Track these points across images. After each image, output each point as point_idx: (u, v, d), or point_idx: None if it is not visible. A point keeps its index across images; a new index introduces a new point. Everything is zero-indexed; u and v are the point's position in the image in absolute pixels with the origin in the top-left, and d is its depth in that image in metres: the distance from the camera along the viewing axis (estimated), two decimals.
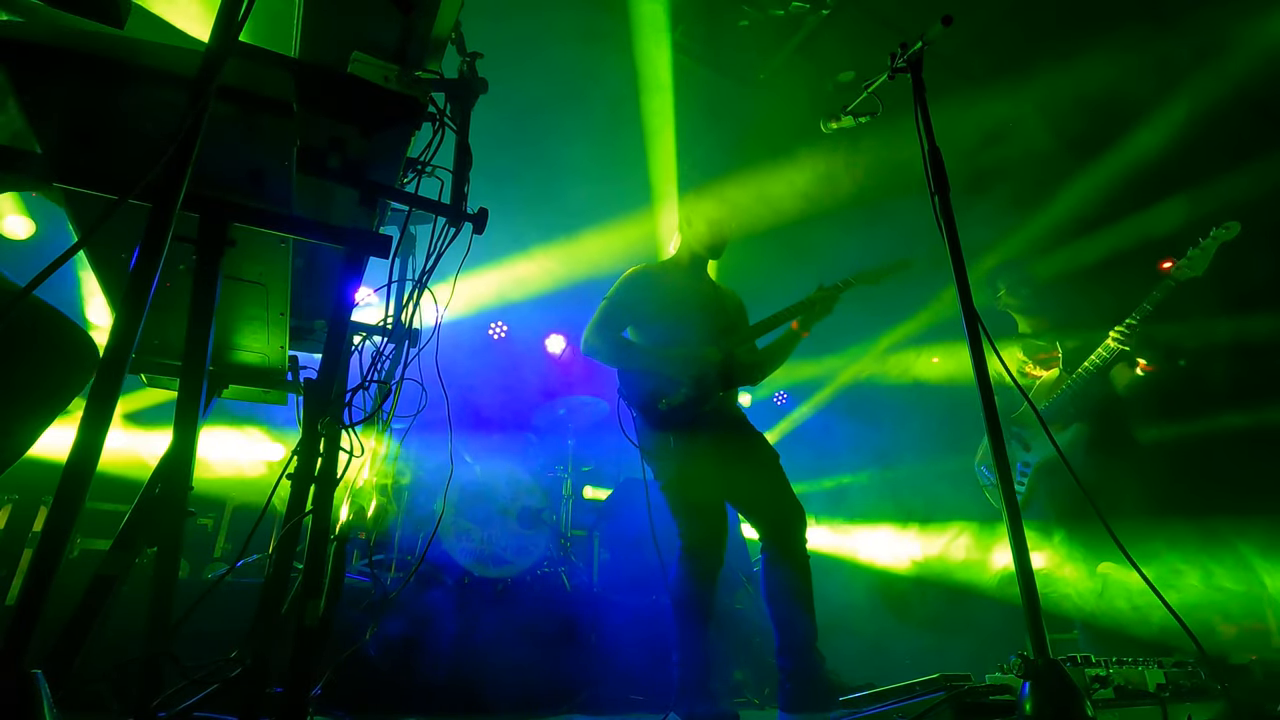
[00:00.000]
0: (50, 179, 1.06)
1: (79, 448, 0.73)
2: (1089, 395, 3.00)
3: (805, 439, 6.15)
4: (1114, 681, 1.44)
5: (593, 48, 3.87)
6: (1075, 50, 3.64)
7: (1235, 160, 3.76)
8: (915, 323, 5.34)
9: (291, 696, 1.11)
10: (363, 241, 1.36)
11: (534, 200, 4.87)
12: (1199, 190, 3.79)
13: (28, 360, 1.14)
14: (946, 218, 1.55)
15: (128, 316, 0.79)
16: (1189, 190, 3.87)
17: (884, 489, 5.59)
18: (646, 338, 2.66)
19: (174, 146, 0.84)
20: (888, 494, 5.53)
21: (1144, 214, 4.06)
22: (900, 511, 5.27)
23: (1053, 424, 3.07)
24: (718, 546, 2.40)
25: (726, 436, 2.53)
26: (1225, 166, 3.76)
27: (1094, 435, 3.01)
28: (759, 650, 3.57)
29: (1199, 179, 3.81)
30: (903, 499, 5.37)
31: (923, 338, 5.46)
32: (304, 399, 1.44)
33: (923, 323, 5.30)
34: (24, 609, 0.66)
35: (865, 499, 5.65)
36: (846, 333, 5.53)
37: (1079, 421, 3.03)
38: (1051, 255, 4.29)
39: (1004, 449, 1.35)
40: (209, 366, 1.22)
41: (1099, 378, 2.95)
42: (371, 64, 1.37)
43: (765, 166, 4.52)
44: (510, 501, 3.89)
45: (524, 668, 2.98)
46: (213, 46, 0.90)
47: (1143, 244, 3.92)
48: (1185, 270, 2.70)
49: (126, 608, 1.17)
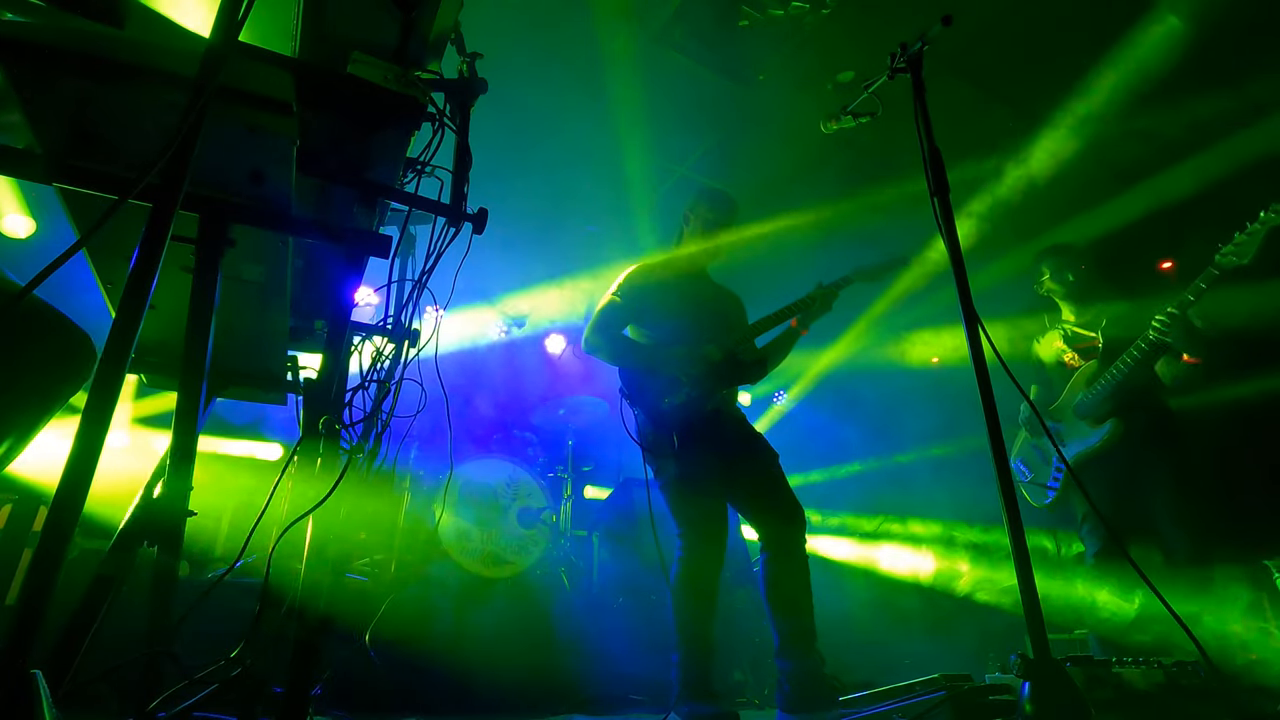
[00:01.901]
0: (50, 179, 1.07)
1: (79, 447, 0.72)
2: (1128, 388, 2.84)
3: (791, 429, 6.11)
4: (1114, 682, 1.44)
5: (595, 49, 3.88)
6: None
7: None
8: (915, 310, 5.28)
9: (291, 696, 1.11)
10: (362, 241, 1.36)
11: (536, 200, 4.88)
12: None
13: (25, 359, 1.14)
14: (946, 218, 1.55)
15: (127, 316, 0.79)
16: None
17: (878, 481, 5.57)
18: (647, 336, 2.66)
19: (174, 146, 0.84)
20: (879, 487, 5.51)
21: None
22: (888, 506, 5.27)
23: (1089, 417, 2.96)
24: (718, 546, 2.40)
25: (727, 436, 2.53)
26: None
27: (1132, 429, 2.86)
28: (759, 650, 3.58)
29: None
30: (888, 494, 5.37)
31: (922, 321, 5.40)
32: (304, 399, 1.44)
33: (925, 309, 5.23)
34: (24, 609, 0.66)
35: (858, 491, 5.64)
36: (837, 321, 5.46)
37: (1117, 415, 2.88)
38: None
39: (1003, 449, 1.35)
40: (208, 366, 1.22)
41: (1139, 370, 2.78)
42: (371, 64, 1.37)
43: (766, 167, 4.53)
44: (510, 501, 3.89)
45: (524, 668, 2.98)
46: (213, 46, 0.90)
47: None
48: (1231, 258, 2.50)
49: (126, 608, 1.17)
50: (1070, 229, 4.40)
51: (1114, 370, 2.85)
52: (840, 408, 5.94)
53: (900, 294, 5.00)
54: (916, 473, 5.26)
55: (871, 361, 5.59)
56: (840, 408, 5.94)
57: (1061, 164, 4.28)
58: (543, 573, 3.87)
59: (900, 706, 1.47)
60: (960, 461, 4.70)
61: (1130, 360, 2.79)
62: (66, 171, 1.07)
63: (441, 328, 1.81)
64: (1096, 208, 4.44)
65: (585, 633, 3.23)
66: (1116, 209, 4.41)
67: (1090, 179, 4.39)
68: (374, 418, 1.53)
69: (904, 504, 5.25)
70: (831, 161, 4.61)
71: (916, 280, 4.62)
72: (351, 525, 2.59)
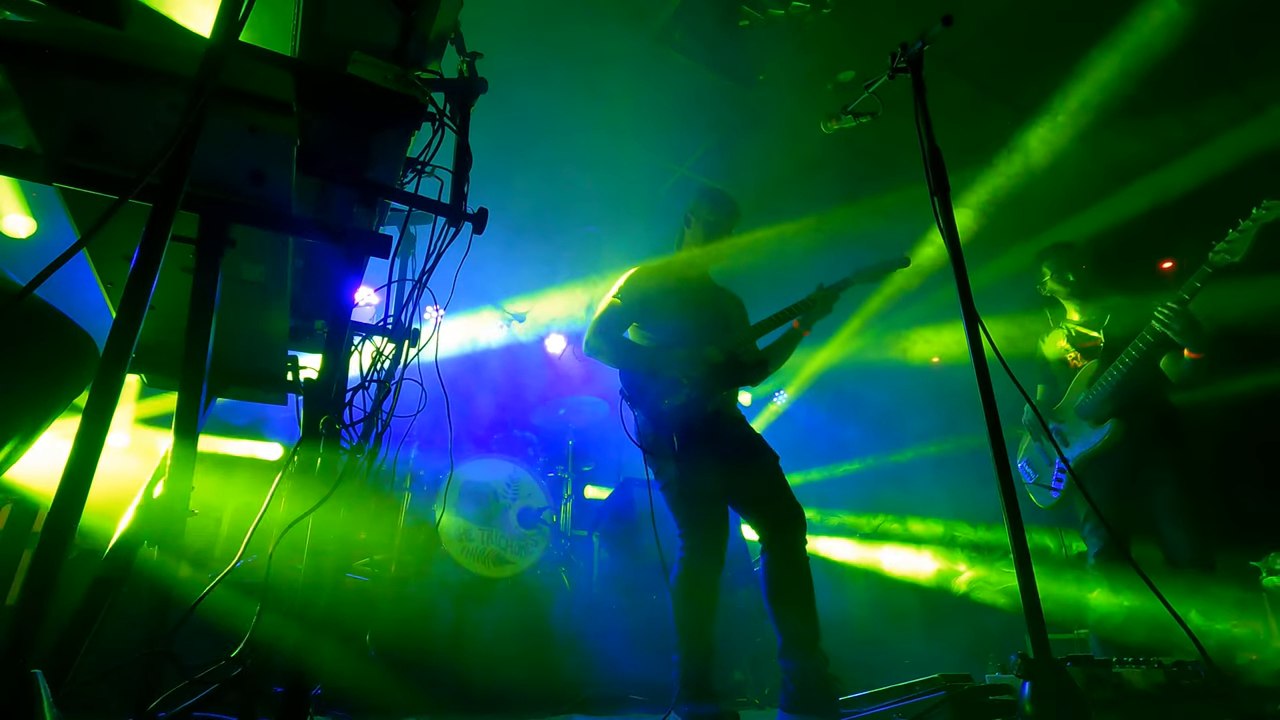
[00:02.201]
0: (50, 179, 1.07)
1: (79, 447, 0.72)
2: (1130, 387, 2.82)
3: (790, 428, 6.09)
4: (1114, 682, 1.44)
5: (595, 49, 3.88)
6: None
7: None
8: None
9: (291, 696, 1.11)
10: (362, 241, 1.36)
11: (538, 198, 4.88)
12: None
13: (27, 360, 1.14)
14: (947, 218, 1.55)
15: (128, 316, 0.79)
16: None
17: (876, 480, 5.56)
18: (648, 338, 2.66)
19: (174, 146, 0.84)
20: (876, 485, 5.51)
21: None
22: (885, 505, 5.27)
23: (1090, 417, 2.95)
24: (719, 547, 2.40)
25: (727, 437, 2.53)
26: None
27: (1133, 429, 2.84)
28: (759, 650, 3.58)
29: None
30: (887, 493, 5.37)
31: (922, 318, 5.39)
32: (304, 399, 1.44)
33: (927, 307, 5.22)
34: (24, 609, 0.66)
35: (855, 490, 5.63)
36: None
37: (1118, 415, 2.86)
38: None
39: (1003, 449, 1.35)
40: (209, 367, 1.22)
41: (1141, 367, 2.77)
42: (371, 64, 1.37)
43: (766, 167, 4.53)
44: (510, 501, 3.89)
45: (524, 668, 2.98)
46: (213, 46, 0.90)
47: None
48: (1223, 256, 2.48)
49: (126, 608, 1.17)
50: (1070, 227, 4.40)
51: (1115, 369, 2.84)
52: (839, 406, 5.93)
53: (896, 292, 4.99)
54: (916, 472, 5.26)
55: (870, 360, 5.58)
56: (839, 406, 5.93)
57: (1059, 158, 4.27)
58: (543, 573, 3.87)
59: (900, 706, 1.47)
60: (961, 461, 4.70)
61: (1131, 358, 2.77)
62: (66, 171, 1.07)
63: (442, 332, 1.81)
64: (1096, 205, 4.45)
65: (585, 633, 3.23)
66: (1116, 207, 4.42)
67: (1088, 175, 4.39)
68: (374, 418, 1.53)
69: (904, 503, 5.25)
70: (831, 162, 4.60)
71: (911, 279, 4.61)
72: (351, 525, 2.58)
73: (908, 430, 5.42)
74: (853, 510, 5.50)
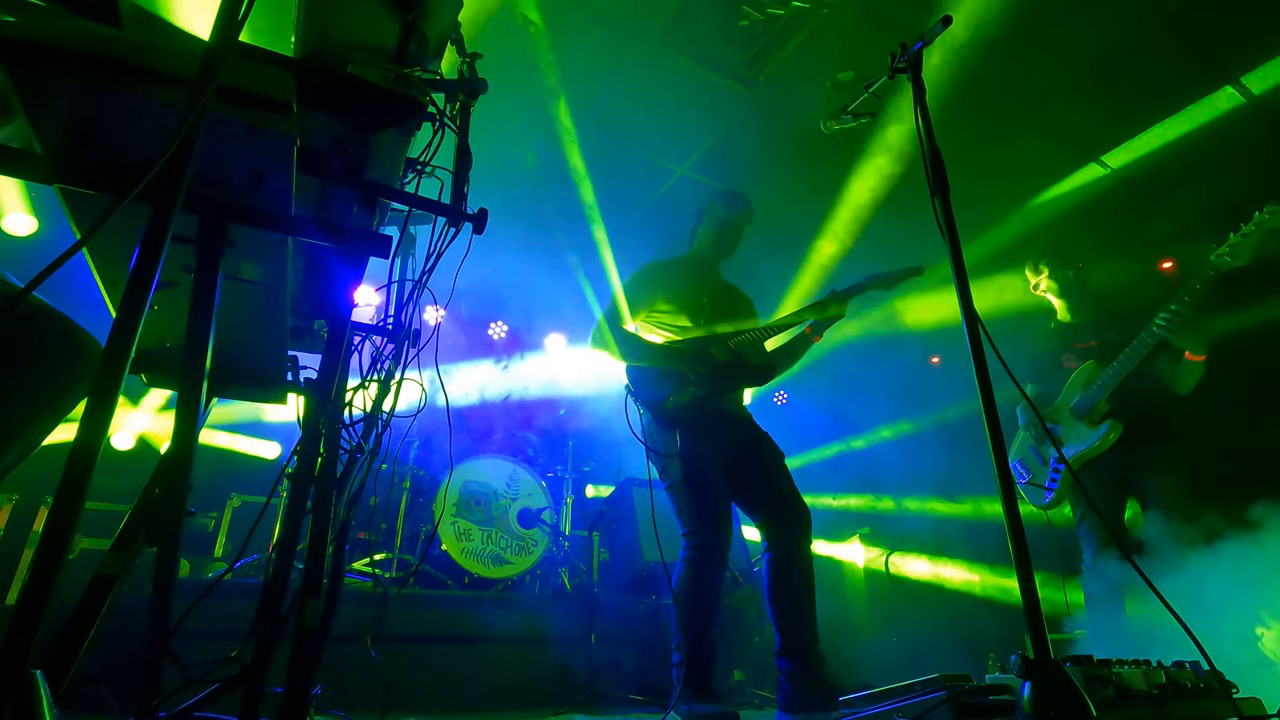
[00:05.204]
0: (50, 179, 1.06)
1: (79, 447, 0.72)
2: (1126, 388, 2.82)
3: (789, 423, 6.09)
4: (1114, 682, 1.44)
5: (595, 49, 3.87)
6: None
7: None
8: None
9: (291, 696, 1.11)
10: (363, 241, 1.36)
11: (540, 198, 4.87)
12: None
13: (30, 361, 1.14)
14: (947, 219, 1.55)
15: (127, 316, 0.79)
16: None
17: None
18: (655, 334, 2.67)
19: (174, 146, 0.83)
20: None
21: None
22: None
23: (1085, 418, 2.94)
24: (723, 547, 2.40)
25: (732, 436, 2.53)
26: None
27: (1129, 430, 2.84)
28: (759, 650, 3.58)
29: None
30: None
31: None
32: (304, 399, 1.44)
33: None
34: (24, 609, 0.65)
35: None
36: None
37: (1114, 416, 2.86)
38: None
39: (1004, 449, 1.35)
40: (208, 367, 1.22)
41: (1138, 369, 2.77)
42: (371, 64, 1.37)
43: (766, 167, 4.52)
44: (510, 501, 3.89)
45: (524, 668, 2.98)
46: (212, 46, 0.90)
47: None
48: (1225, 259, 2.48)
49: (126, 608, 1.17)
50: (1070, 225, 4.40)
51: (1112, 370, 2.83)
52: (836, 400, 5.93)
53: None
54: (917, 469, 5.26)
55: (868, 346, 5.53)
56: (836, 400, 5.93)
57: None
58: (543, 573, 3.87)
59: (900, 706, 1.47)
60: (962, 458, 4.70)
61: (1131, 359, 2.77)
62: (66, 171, 1.07)
63: (446, 385, 1.82)
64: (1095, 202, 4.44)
65: (585, 633, 3.23)
66: (1117, 204, 4.41)
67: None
68: (374, 418, 1.53)
69: (904, 501, 5.25)
70: (832, 161, 4.60)
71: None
72: (351, 524, 2.59)
73: (909, 427, 5.41)
74: (852, 508, 5.50)
